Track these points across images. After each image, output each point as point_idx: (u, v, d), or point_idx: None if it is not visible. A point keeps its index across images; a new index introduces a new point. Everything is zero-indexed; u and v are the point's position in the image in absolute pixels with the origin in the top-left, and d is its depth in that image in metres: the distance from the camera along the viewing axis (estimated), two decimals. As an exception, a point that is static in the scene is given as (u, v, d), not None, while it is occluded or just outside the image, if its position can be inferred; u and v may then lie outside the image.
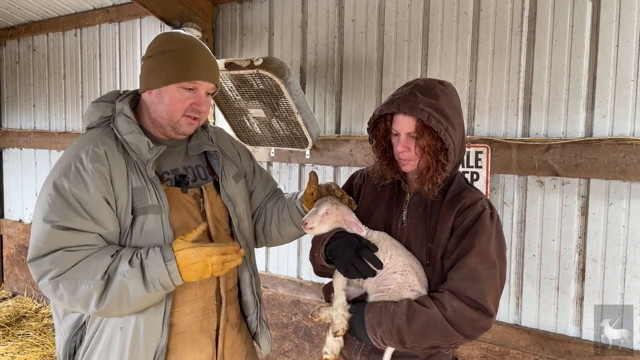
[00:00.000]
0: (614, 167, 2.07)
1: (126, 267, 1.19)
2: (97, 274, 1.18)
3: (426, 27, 2.55)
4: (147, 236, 1.28)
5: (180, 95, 1.33)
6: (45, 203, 1.21)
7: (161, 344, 1.29)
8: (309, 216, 1.41)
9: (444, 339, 1.24)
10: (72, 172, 1.23)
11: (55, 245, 1.18)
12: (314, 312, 1.41)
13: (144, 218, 1.27)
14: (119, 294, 1.18)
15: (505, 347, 2.36)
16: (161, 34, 1.40)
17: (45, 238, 1.18)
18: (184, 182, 1.40)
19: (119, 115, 1.34)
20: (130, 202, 1.27)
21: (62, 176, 1.23)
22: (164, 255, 1.20)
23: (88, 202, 1.21)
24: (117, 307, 1.20)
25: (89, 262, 1.19)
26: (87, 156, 1.25)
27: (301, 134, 2.73)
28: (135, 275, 1.18)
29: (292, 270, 3.14)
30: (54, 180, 1.23)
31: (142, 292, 1.19)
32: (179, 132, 1.39)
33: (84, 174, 1.22)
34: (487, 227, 1.31)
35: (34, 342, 3.68)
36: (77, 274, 1.17)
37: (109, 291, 1.18)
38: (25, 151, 4.56)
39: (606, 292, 2.16)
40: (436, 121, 1.26)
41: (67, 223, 1.19)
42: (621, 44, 2.08)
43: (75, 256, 1.19)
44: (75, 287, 1.17)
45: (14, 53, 4.58)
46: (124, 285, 1.18)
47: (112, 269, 1.19)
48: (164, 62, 1.32)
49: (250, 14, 3.15)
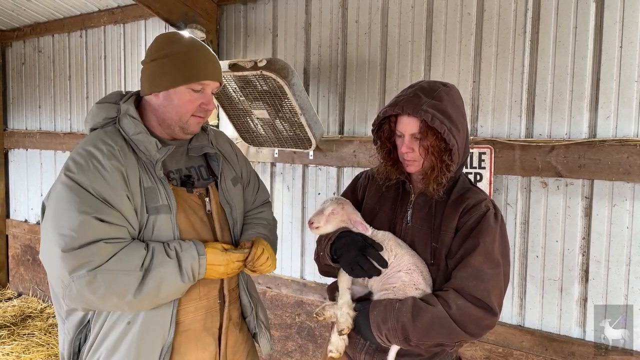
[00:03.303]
0: (617, 168, 2.07)
1: (165, 258, 1.24)
2: (137, 265, 1.21)
3: (429, 28, 2.56)
4: (158, 236, 1.29)
5: (190, 97, 1.35)
6: (67, 199, 1.19)
7: (167, 341, 1.30)
8: (315, 216, 1.42)
9: (449, 337, 1.25)
10: (91, 170, 1.23)
11: (93, 236, 1.17)
12: (318, 311, 1.42)
13: (155, 218, 1.29)
14: (157, 283, 1.23)
15: (508, 348, 2.36)
16: (160, 37, 1.40)
17: (82, 228, 1.16)
18: (189, 182, 1.41)
19: (124, 116, 1.35)
20: (144, 202, 1.28)
21: (81, 174, 1.22)
22: (198, 250, 1.30)
23: (113, 198, 1.22)
24: (152, 297, 1.24)
25: (126, 254, 1.21)
26: (104, 155, 1.26)
27: (305, 135, 2.74)
28: (173, 265, 1.25)
29: (295, 270, 3.15)
30: (72, 177, 1.22)
31: (178, 281, 1.25)
32: (188, 132, 1.41)
33: (103, 172, 1.23)
34: (492, 226, 1.32)
35: (40, 342, 3.70)
36: (116, 266, 1.18)
37: (147, 281, 1.22)
38: (31, 152, 4.59)
39: (610, 293, 2.16)
40: (440, 122, 1.27)
41: (101, 215, 1.19)
42: (625, 45, 2.08)
43: (113, 248, 1.19)
44: (113, 279, 1.18)
45: (20, 54, 4.61)
46: (162, 275, 1.23)
47: (148, 260, 1.23)
48: (170, 64, 1.33)
49: (254, 15, 3.17)
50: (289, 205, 3.14)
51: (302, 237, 3.11)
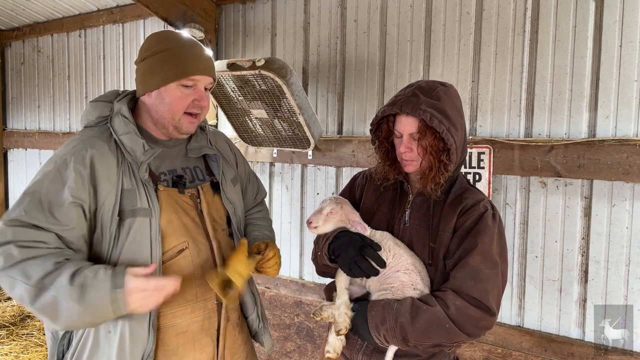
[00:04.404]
0: (617, 168, 2.06)
1: (64, 283, 1.12)
2: (32, 278, 1.13)
3: (428, 27, 2.55)
4: (135, 239, 1.26)
5: (181, 93, 1.33)
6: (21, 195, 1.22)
7: (147, 349, 1.28)
8: (314, 215, 1.42)
9: (447, 337, 1.25)
10: (53, 171, 1.23)
11: (9, 238, 1.15)
12: (316, 311, 1.41)
13: (131, 221, 1.26)
14: (49, 305, 1.13)
15: (507, 348, 2.35)
16: (151, 36, 1.39)
17: (7, 226, 1.16)
18: (180, 182, 1.40)
19: (116, 116, 1.34)
20: (117, 204, 1.25)
21: (42, 173, 1.24)
22: (114, 281, 1.14)
23: (56, 201, 1.20)
24: (50, 317, 1.15)
25: (31, 263, 1.14)
26: (73, 156, 1.25)
27: (303, 135, 2.73)
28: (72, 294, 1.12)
29: (294, 271, 3.14)
30: (35, 177, 1.25)
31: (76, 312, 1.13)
32: (182, 131, 1.40)
33: (65, 173, 1.22)
34: (490, 227, 1.32)
35: (38, 342, 3.69)
36: (15, 273, 1.13)
37: (40, 299, 1.13)
38: (30, 152, 4.59)
39: (609, 293, 2.15)
40: (438, 122, 1.27)
41: (25, 218, 1.17)
42: (624, 45, 2.08)
43: (21, 253, 1.14)
44: (12, 285, 1.14)
45: (19, 54, 4.61)
46: (56, 300, 1.12)
47: (49, 278, 1.13)
48: (159, 62, 1.32)
49: (253, 15, 3.16)
50: (287, 205, 3.13)
51: (300, 237, 3.11)
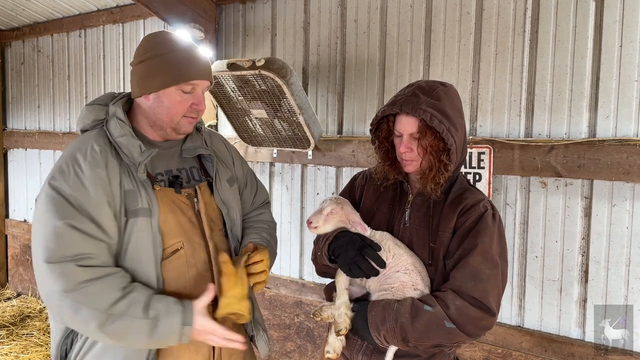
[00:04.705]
0: (617, 168, 2.06)
1: (139, 314, 1.18)
2: (102, 305, 1.16)
3: (428, 27, 2.55)
4: (135, 239, 1.27)
5: (180, 97, 1.34)
6: (46, 205, 1.19)
7: (153, 350, 1.29)
8: (314, 215, 1.42)
9: (447, 338, 1.25)
10: (72, 176, 1.22)
11: (68, 251, 1.16)
12: (316, 311, 1.41)
13: (134, 221, 1.27)
14: (120, 332, 1.17)
15: (507, 349, 2.35)
16: (147, 38, 1.38)
17: (59, 241, 1.16)
18: (177, 182, 1.40)
19: (112, 118, 1.34)
20: (123, 205, 1.27)
21: (61, 180, 1.22)
22: (183, 318, 1.21)
23: (92, 209, 1.21)
24: (114, 341, 1.19)
25: (98, 288, 1.17)
26: (85, 160, 1.25)
27: (303, 135, 2.73)
28: (145, 325, 1.18)
29: (294, 271, 3.14)
30: (51, 183, 1.22)
31: (143, 341, 1.19)
32: (180, 132, 1.40)
33: (84, 180, 1.22)
34: (490, 227, 1.32)
35: (38, 342, 3.69)
36: (83, 298, 1.15)
37: (110, 326, 1.16)
38: (30, 152, 4.59)
39: (609, 294, 2.15)
40: (438, 121, 1.27)
41: (78, 224, 1.18)
42: (625, 45, 2.08)
43: (85, 274, 1.16)
44: (77, 309, 1.15)
45: (19, 54, 4.61)
46: (128, 329, 1.17)
47: (120, 307, 1.17)
48: (158, 66, 1.31)
49: (253, 15, 3.16)
50: (287, 205, 3.13)
51: (301, 237, 3.11)
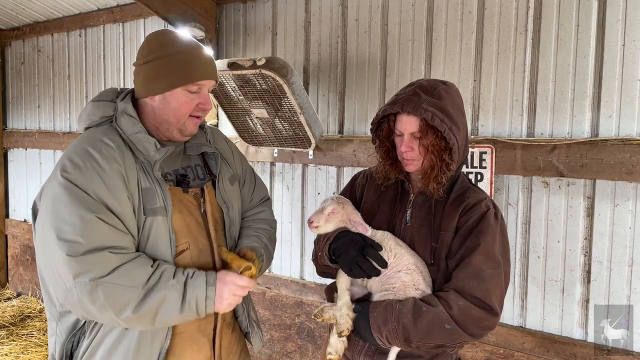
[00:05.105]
0: (620, 167, 2.05)
1: (171, 281, 1.20)
2: (140, 281, 1.17)
3: (430, 26, 2.54)
4: (154, 238, 1.26)
5: (186, 98, 1.33)
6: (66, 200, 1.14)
7: (165, 345, 1.29)
8: (315, 215, 1.41)
9: (450, 338, 1.24)
10: (90, 171, 1.19)
11: (98, 242, 1.14)
12: (317, 313, 1.40)
13: (152, 220, 1.26)
14: (156, 304, 1.18)
15: (509, 349, 2.34)
16: (151, 37, 1.36)
17: (87, 232, 1.13)
18: (185, 181, 1.39)
19: (122, 115, 1.32)
20: (141, 203, 1.25)
21: (79, 175, 1.17)
22: (207, 279, 1.24)
23: (114, 204, 1.19)
24: (148, 319, 1.19)
25: (131, 268, 1.17)
26: (102, 155, 1.22)
27: (304, 134, 2.72)
28: (177, 291, 1.20)
29: (295, 271, 3.13)
30: (68, 177, 1.17)
31: (176, 309, 1.20)
32: (186, 134, 1.39)
33: (103, 175, 1.19)
34: (492, 226, 1.31)
35: (38, 342, 3.68)
36: (119, 279, 1.15)
37: (147, 300, 1.17)
38: (30, 151, 4.58)
39: (612, 294, 2.14)
40: (440, 120, 1.26)
41: (101, 216, 1.16)
42: (627, 43, 2.06)
43: (117, 259, 1.16)
44: (113, 292, 1.14)
45: (19, 53, 4.60)
46: (164, 298, 1.18)
47: (154, 279, 1.19)
48: (164, 66, 1.30)
49: (254, 14, 3.15)
50: (288, 205, 3.12)
51: (301, 237, 3.09)
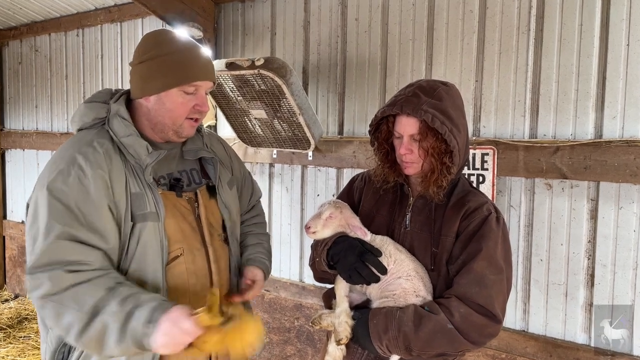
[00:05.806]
0: (624, 169, 2.01)
1: (114, 308, 1.08)
2: (85, 305, 1.08)
3: (431, 26, 2.51)
4: (144, 245, 1.23)
5: (182, 99, 1.29)
6: (44, 209, 1.13)
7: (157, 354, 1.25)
8: (312, 220, 1.38)
9: (452, 346, 1.21)
10: (72, 178, 1.16)
11: (58, 257, 1.10)
12: (315, 319, 1.37)
13: (142, 226, 1.22)
14: (97, 333, 1.08)
15: (512, 354, 2.31)
16: (148, 37, 1.33)
17: (48, 248, 1.10)
18: (178, 185, 1.36)
19: (114, 117, 1.29)
20: (129, 209, 1.22)
21: (61, 182, 1.15)
22: (151, 315, 1.07)
23: (92, 213, 1.15)
24: (93, 347, 1.10)
25: (83, 290, 1.10)
26: (87, 161, 1.19)
27: (303, 135, 2.69)
28: (118, 320, 1.07)
29: (294, 273, 3.10)
30: (50, 185, 1.15)
31: (114, 340, 1.08)
32: (182, 135, 1.36)
33: (85, 181, 1.16)
34: (494, 231, 1.28)
35: (36, 345, 3.65)
36: (67, 301, 1.09)
37: (90, 327, 1.08)
38: (28, 152, 4.55)
39: (616, 298, 2.10)
40: (440, 122, 1.23)
41: (71, 230, 1.12)
42: (632, 43, 2.03)
43: (71, 278, 1.10)
44: (60, 312, 1.09)
45: (17, 53, 4.57)
46: (105, 326, 1.08)
47: (101, 304, 1.09)
48: (159, 66, 1.27)
49: (253, 14, 3.12)
50: (287, 206, 3.09)
51: (300, 239, 3.06)
